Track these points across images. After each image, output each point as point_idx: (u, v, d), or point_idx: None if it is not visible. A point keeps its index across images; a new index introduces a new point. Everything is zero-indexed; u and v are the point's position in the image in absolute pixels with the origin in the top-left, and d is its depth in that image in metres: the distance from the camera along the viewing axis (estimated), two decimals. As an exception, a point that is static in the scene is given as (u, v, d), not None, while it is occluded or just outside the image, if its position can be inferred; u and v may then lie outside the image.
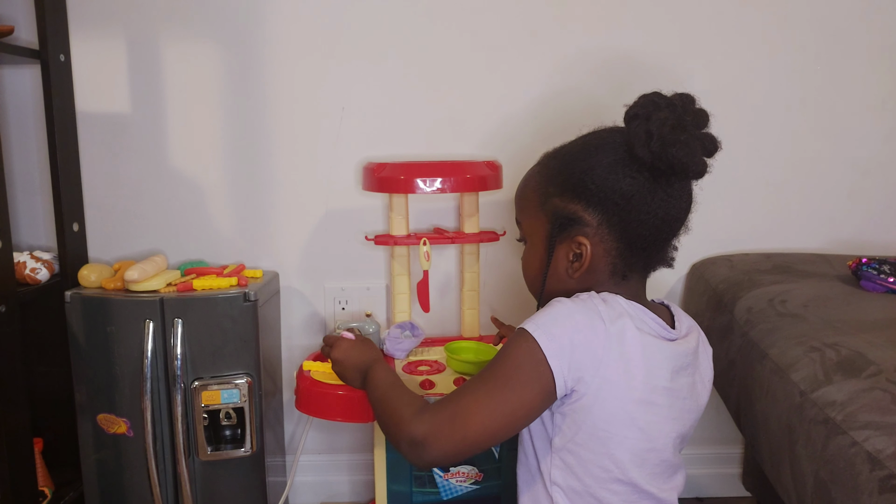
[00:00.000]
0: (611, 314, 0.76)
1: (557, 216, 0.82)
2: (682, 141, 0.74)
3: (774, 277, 1.23)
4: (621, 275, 0.82)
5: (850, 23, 1.40)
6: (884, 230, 1.46)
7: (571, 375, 0.74)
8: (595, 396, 0.74)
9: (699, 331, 0.88)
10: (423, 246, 1.25)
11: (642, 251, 0.81)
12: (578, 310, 0.76)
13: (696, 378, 0.83)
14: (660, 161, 0.75)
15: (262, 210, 1.42)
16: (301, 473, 1.50)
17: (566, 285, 0.83)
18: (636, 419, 0.76)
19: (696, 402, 0.84)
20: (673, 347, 0.80)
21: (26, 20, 1.30)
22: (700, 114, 0.79)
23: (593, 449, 0.76)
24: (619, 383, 0.75)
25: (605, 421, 0.75)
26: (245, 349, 1.22)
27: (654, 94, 0.79)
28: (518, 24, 1.37)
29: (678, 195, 0.79)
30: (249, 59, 1.37)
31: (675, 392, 0.79)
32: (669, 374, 0.78)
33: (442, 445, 0.74)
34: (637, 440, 0.77)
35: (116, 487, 1.26)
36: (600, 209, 0.79)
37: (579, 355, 0.73)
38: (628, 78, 1.39)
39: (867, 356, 0.86)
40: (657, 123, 0.75)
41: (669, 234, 0.82)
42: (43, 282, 1.26)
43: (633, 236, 0.79)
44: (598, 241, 0.80)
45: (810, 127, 1.43)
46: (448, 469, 1.15)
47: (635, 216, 0.78)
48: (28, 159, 1.38)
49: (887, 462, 0.69)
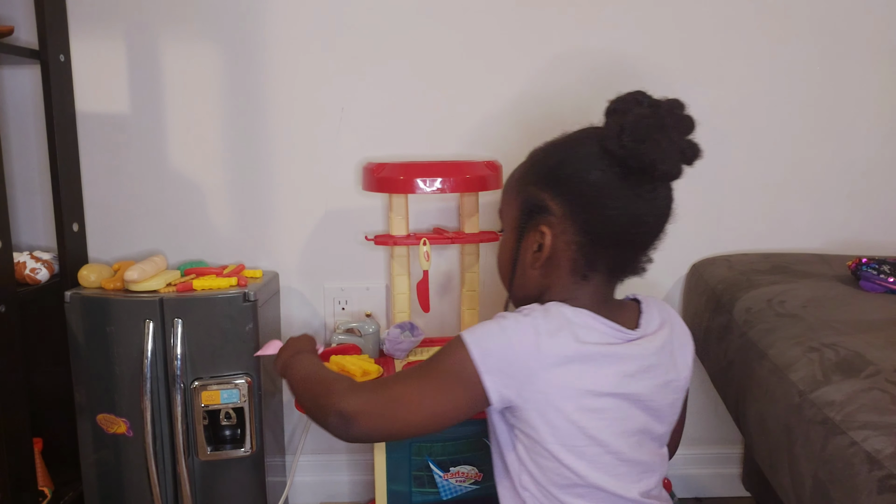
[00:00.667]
0: (549, 327, 0.75)
1: (528, 203, 0.82)
2: (654, 139, 0.73)
3: (773, 278, 1.23)
4: (581, 273, 0.80)
5: (850, 23, 1.40)
6: (883, 230, 1.46)
7: (507, 390, 0.74)
8: (535, 410, 0.75)
9: (674, 326, 0.86)
10: (423, 246, 1.25)
11: (604, 250, 0.79)
12: (515, 325, 0.76)
13: (665, 377, 0.81)
14: (631, 157, 0.74)
15: (262, 210, 1.42)
16: (301, 473, 1.50)
17: (530, 277, 0.83)
18: (582, 428, 0.75)
19: (665, 400, 0.82)
20: (629, 350, 0.78)
21: (26, 20, 1.30)
22: (685, 120, 0.78)
23: (548, 458, 0.76)
24: (557, 396, 0.74)
25: (550, 433, 0.75)
26: (245, 349, 1.22)
27: (637, 92, 0.79)
28: (519, 24, 1.37)
29: (648, 197, 0.77)
30: (249, 59, 1.37)
31: (628, 396, 0.77)
32: (618, 380, 0.77)
33: (370, 424, 0.76)
34: (587, 447, 0.76)
35: (116, 487, 1.26)
36: (567, 199, 0.78)
37: (513, 370, 0.74)
38: (631, 78, 1.39)
39: (866, 356, 0.86)
40: (632, 119, 0.74)
41: (636, 239, 0.80)
42: (43, 282, 1.26)
43: (595, 232, 0.78)
44: (561, 232, 0.79)
45: (810, 127, 1.43)
46: (448, 469, 1.16)
47: (599, 210, 0.77)
48: (28, 159, 1.38)
49: (886, 462, 0.70)
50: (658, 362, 0.81)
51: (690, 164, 0.77)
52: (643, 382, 0.79)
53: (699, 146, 0.77)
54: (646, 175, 0.75)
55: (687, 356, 0.87)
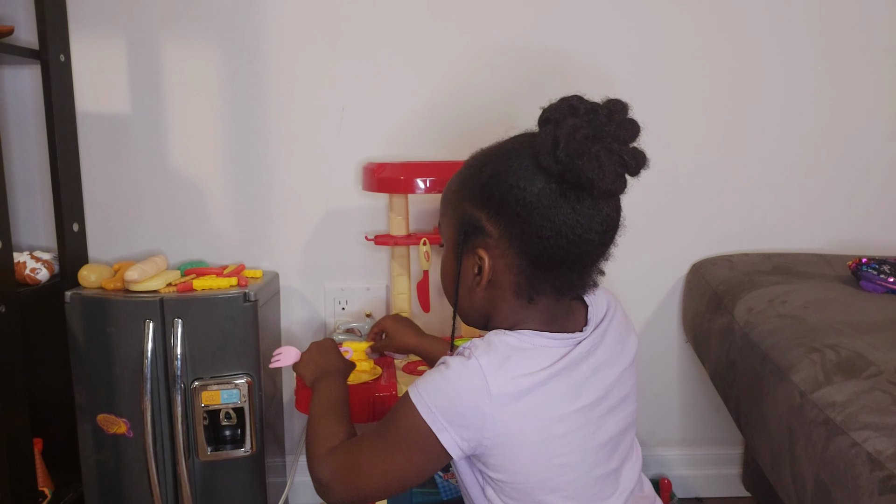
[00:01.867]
0: (493, 363, 0.70)
1: (463, 222, 0.75)
2: (591, 153, 0.66)
3: (775, 278, 1.23)
4: (527, 297, 0.74)
5: (851, 23, 1.40)
6: (884, 230, 1.46)
7: (465, 442, 0.70)
8: (499, 453, 0.71)
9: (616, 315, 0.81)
10: (423, 246, 1.24)
11: (547, 272, 0.73)
12: (459, 372, 0.70)
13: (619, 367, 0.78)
14: (566, 173, 0.67)
15: (262, 210, 1.42)
16: (301, 473, 1.49)
17: (475, 299, 0.78)
18: (551, 458, 0.72)
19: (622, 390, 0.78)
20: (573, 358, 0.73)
21: (26, 20, 1.30)
22: (627, 124, 0.70)
23: (521, 498, 0.73)
24: (518, 433, 0.70)
25: (520, 473, 0.72)
26: (245, 349, 1.22)
27: (574, 97, 0.71)
28: (522, 23, 1.37)
29: (589, 214, 0.69)
30: (250, 59, 1.37)
31: (589, 406, 0.74)
32: (574, 393, 0.73)
33: (340, 492, 0.77)
34: (560, 476, 0.73)
35: (116, 488, 1.25)
36: (503, 220, 0.72)
37: (467, 420, 0.70)
38: (631, 76, 1.39)
39: (867, 357, 0.86)
40: (567, 130, 0.67)
41: (581, 258, 0.73)
42: (43, 282, 1.26)
43: (534, 253, 0.71)
44: (499, 255, 0.73)
45: (811, 127, 1.43)
46: (448, 469, 1.15)
47: (537, 231, 0.70)
48: (28, 159, 1.38)
49: (887, 463, 0.69)
50: (609, 356, 0.77)
51: (635, 175, 0.69)
52: (598, 384, 0.75)
53: (644, 154, 0.69)
54: (584, 192, 0.68)
55: (630, 340, 0.82)
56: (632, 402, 0.81)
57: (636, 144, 0.70)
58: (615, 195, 0.70)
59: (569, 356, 0.73)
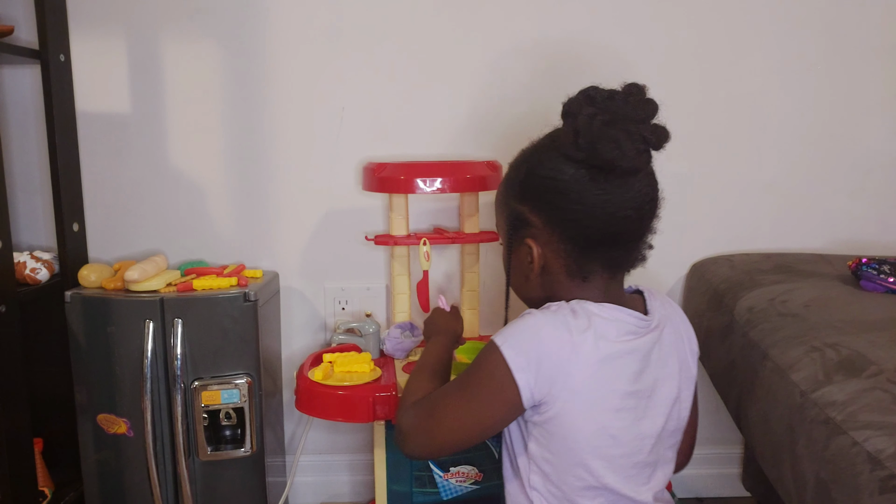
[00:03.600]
0: (579, 325, 0.75)
1: (511, 218, 0.82)
2: (609, 136, 0.72)
3: (775, 277, 1.23)
4: (580, 277, 0.80)
5: (852, 22, 1.40)
6: (884, 230, 1.46)
7: (538, 388, 0.74)
8: (563, 408, 0.74)
9: (676, 318, 0.85)
10: (423, 246, 1.25)
11: (593, 251, 0.78)
12: (546, 322, 0.75)
13: (663, 372, 0.81)
14: (591, 158, 0.74)
15: (262, 210, 1.42)
16: (301, 473, 1.50)
17: (531, 288, 0.84)
18: (606, 427, 0.76)
19: (668, 397, 0.81)
20: (643, 343, 0.78)
21: (26, 20, 1.30)
22: (644, 104, 0.76)
23: (566, 458, 0.76)
24: (586, 394, 0.74)
25: (574, 432, 0.75)
26: (245, 349, 1.22)
27: (591, 88, 0.77)
28: (523, 22, 1.37)
29: (619, 192, 0.75)
30: (250, 59, 1.37)
31: (640, 393, 0.78)
32: (635, 376, 0.77)
33: (417, 443, 0.80)
34: (609, 447, 0.76)
35: (116, 487, 1.25)
36: (543, 209, 0.79)
37: (546, 368, 0.73)
38: (631, 75, 1.38)
39: (868, 356, 0.86)
40: (585, 120, 0.73)
41: (623, 234, 0.78)
42: (43, 282, 1.26)
43: (576, 235, 0.77)
44: (545, 243, 0.80)
45: (811, 127, 1.43)
46: (448, 469, 1.15)
47: (572, 215, 0.76)
48: (28, 159, 1.38)
49: (888, 462, 0.69)
50: (665, 352, 0.81)
51: (658, 149, 0.76)
52: (652, 375, 0.79)
53: (665, 129, 0.76)
54: (611, 172, 0.74)
55: (692, 347, 0.87)
56: (681, 409, 0.84)
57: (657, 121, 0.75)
58: (639, 171, 0.75)
59: (642, 339, 0.78)
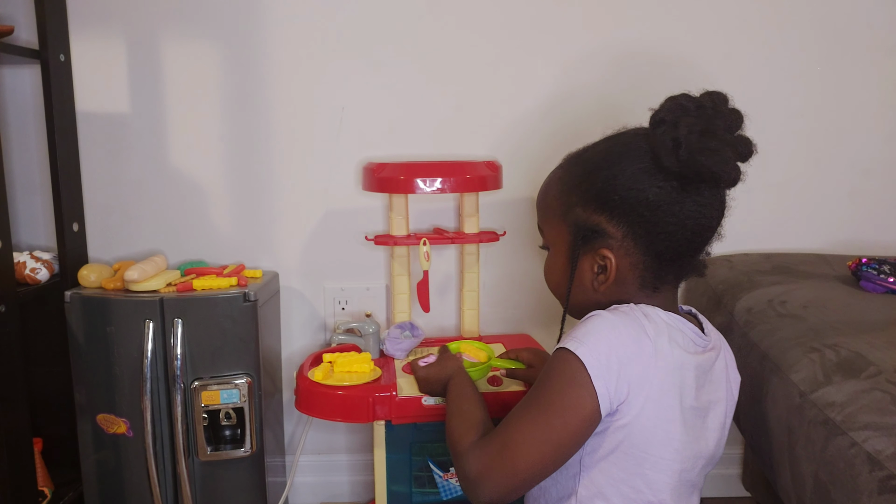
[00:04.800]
0: (653, 329, 0.72)
1: (580, 227, 0.77)
2: (711, 148, 0.70)
3: (774, 278, 1.23)
4: (652, 287, 0.77)
5: (851, 22, 1.40)
6: (884, 230, 1.46)
7: (616, 394, 0.70)
8: (637, 415, 0.71)
9: (724, 348, 0.85)
10: (423, 246, 1.25)
11: (672, 263, 0.76)
12: (622, 323, 0.72)
13: (716, 395, 0.79)
14: (688, 170, 0.71)
15: (262, 210, 1.42)
16: (301, 473, 1.50)
17: (593, 297, 0.79)
18: (672, 439, 0.73)
19: (718, 420, 0.80)
20: (699, 360, 0.76)
21: (26, 20, 1.30)
22: (733, 114, 0.74)
23: (627, 469, 0.73)
24: (660, 402, 0.71)
25: (643, 441, 0.72)
26: (245, 349, 1.22)
27: (682, 96, 0.74)
28: (522, 21, 1.37)
29: (709, 203, 0.74)
30: (250, 58, 1.37)
31: (699, 411, 0.76)
32: (696, 392, 0.75)
33: (494, 483, 0.70)
34: (672, 461, 0.73)
35: (116, 487, 1.25)
36: (625, 221, 0.75)
37: (625, 372, 0.69)
38: (635, 76, 1.39)
39: (867, 357, 0.86)
40: (685, 130, 0.70)
41: (701, 244, 0.77)
42: (43, 282, 1.26)
43: (661, 248, 0.75)
44: (624, 254, 0.76)
45: (811, 127, 1.43)
46: (448, 469, 1.15)
47: (662, 228, 0.73)
48: (28, 159, 1.38)
49: (887, 463, 0.69)
50: (717, 376, 0.80)
51: (745, 161, 0.74)
52: (705, 397, 0.77)
53: (750, 140, 0.74)
54: (705, 184, 0.72)
55: (735, 374, 0.86)
56: (724, 435, 0.83)
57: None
58: (737, 183, 0.73)
59: (702, 356, 0.76)
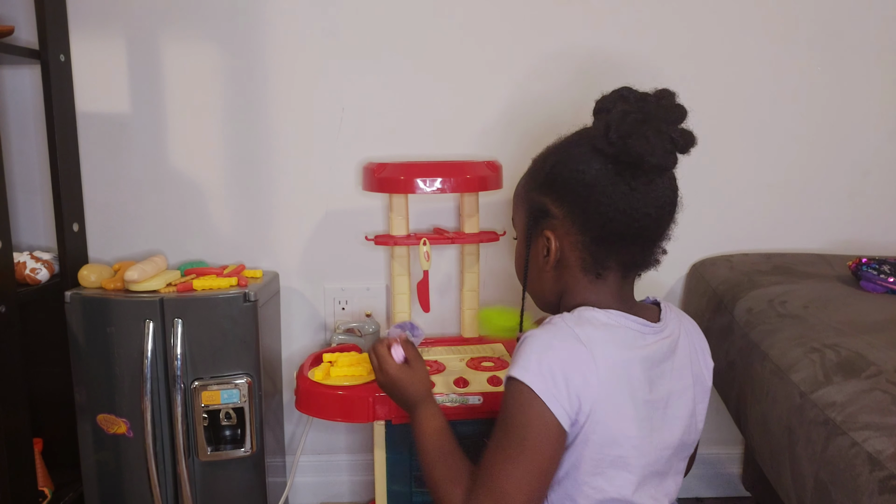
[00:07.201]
0: (586, 333, 0.74)
1: (532, 209, 0.83)
2: (640, 133, 0.73)
3: (774, 278, 1.23)
4: (594, 272, 0.80)
5: (852, 22, 1.40)
6: (884, 230, 1.46)
7: (571, 407, 0.73)
8: (593, 422, 0.73)
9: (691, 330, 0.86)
10: (423, 246, 1.25)
11: (611, 246, 0.79)
12: (554, 337, 0.75)
13: (679, 384, 0.80)
14: (620, 153, 0.75)
15: (262, 210, 1.42)
16: (301, 474, 1.50)
17: (545, 279, 0.84)
18: (630, 437, 0.75)
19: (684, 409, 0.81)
20: (646, 353, 0.77)
21: (26, 20, 1.30)
22: (676, 109, 0.77)
23: (590, 471, 0.75)
24: (609, 403, 0.74)
25: (601, 444, 0.74)
26: (245, 349, 1.22)
27: (623, 88, 0.79)
28: (522, 22, 1.37)
29: (643, 190, 0.76)
30: (250, 59, 1.37)
31: (656, 403, 0.78)
32: (648, 386, 0.77)
33: None
34: (632, 457, 0.76)
35: (116, 488, 1.25)
36: (566, 201, 0.79)
37: (571, 384, 0.72)
38: (631, 79, 1.38)
39: (867, 357, 0.86)
40: (617, 116, 0.75)
41: (642, 232, 0.78)
42: (43, 282, 1.26)
43: (597, 229, 0.78)
44: (564, 234, 0.80)
45: (811, 127, 1.43)
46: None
47: (596, 208, 0.77)
48: (28, 159, 1.38)
49: (887, 463, 0.69)
50: (679, 364, 0.81)
51: (685, 153, 0.77)
52: (665, 387, 0.79)
53: (692, 134, 0.77)
54: (638, 169, 0.75)
55: (706, 360, 0.87)
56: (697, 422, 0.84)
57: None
58: (666, 170, 0.77)
59: (653, 346, 0.78)
